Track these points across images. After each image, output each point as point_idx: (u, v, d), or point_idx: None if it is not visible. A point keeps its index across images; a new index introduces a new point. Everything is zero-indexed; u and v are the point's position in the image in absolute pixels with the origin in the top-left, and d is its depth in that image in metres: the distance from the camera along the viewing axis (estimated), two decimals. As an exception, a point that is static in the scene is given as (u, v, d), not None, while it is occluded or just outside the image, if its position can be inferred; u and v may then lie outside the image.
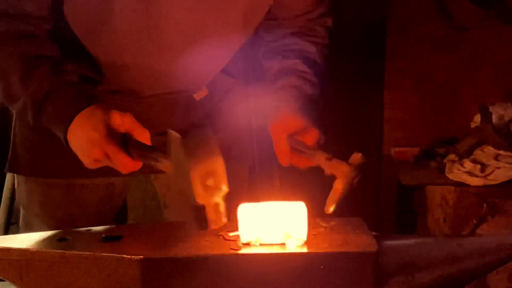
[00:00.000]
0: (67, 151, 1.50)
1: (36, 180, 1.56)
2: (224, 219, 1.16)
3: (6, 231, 3.06)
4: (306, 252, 1.14)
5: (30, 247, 1.17)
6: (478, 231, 2.57)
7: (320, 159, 1.31)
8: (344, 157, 1.33)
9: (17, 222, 3.07)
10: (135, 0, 1.31)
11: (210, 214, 1.14)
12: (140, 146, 1.23)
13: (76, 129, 1.26)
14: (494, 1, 3.02)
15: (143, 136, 1.24)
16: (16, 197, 1.65)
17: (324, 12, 1.55)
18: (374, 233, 1.21)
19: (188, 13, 1.35)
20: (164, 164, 1.18)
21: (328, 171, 1.30)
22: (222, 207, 1.15)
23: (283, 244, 1.17)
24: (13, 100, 1.33)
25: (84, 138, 1.25)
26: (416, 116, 3.25)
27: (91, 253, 1.14)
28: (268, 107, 1.45)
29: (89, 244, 1.19)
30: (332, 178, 1.29)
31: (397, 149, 3.23)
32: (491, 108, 2.98)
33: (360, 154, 1.28)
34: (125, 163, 1.22)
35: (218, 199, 1.15)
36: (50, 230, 1.36)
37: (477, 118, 3.01)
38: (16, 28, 1.34)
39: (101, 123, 1.23)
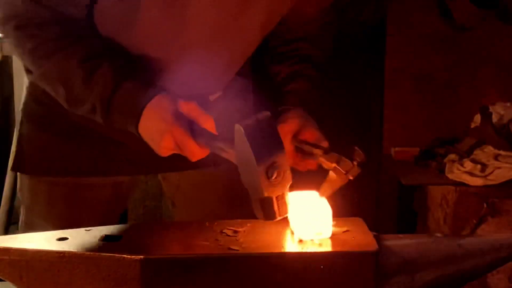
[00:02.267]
0: (75, 150, 1.52)
1: (41, 179, 1.56)
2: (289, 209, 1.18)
3: (6, 231, 3.06)
4: (306, 252, 1.14)
5: (30, 247, 1.17)
6: (478, 231, 2.57)
7: (319, 153, 1.31)
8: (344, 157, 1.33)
9: (17, 222, 3.07)
10: (161, 1, 1.32)
11: (276, 205, 1.16)
12: (206, 134, 1.25)
13: (146, 122, 1.28)
14: (494, 1, 3.02)
15: (208, 123, 1.26)
16: (19, 198, 1.65)
17: (332, 20, 1.58)
18: (374, 233, 1.21)
19: (212, 15, 1.36)
20: (229, 154, 1.20)
21: (326, 165, 1.30)
22: (287, 198, 1.18)
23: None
24: (78, 103, 1.34)
25: (154, 129, 1.28)
26: (416, 116, 3.25)
27: (91, 253, 1.14)
28: (277, 111, 1.47)
29: (89, 244, 1.19)
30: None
31: (397, 149, 3.23)
32: (491, 108, 2.98)
33: (363, 152, 1.28)
34: (193, 151, 1.25)
35: (283, 190, 1.17)
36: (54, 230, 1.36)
37: (477, 118, 3.01)
38: (69, 32, 1.34)
39: (169, 113, 1.26)
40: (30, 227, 1.58)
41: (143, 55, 1.41)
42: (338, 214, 1.30)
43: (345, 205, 1.29)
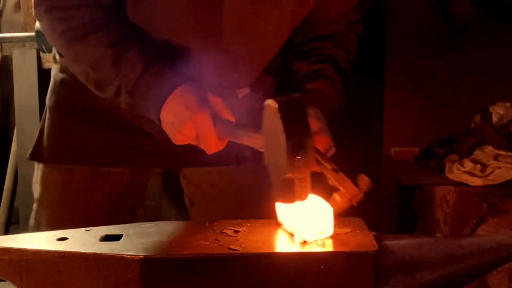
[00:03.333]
0: (97, 137, 1.52)
1: (57, 168, 1.56)
2: (309, 193, 1.18)
3: (6, 231, 3.06)
4: (306, 252, 1.14)
5: (30, 247, 1.17)
6: (478, 231, 2.57)
7: (327, 169, 1.30)
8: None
9: (17, 222, 3.08)
10: None
11: (297, 187, 1.16)
12: (228, 123, 1.26)
13: (170, 107, 1.29)
14: (494, 1, 3.02)
15: (230, 118, 1.28)
16: (33, 191, 1.65)
17: (357, 19, 1.57)
18: (374, 233, 1.21)
19: (247, 5, 1.37)
20: (251, 139, 1.21)
21: (331, 182, 1.29)
22: (309, 181, 1.18)
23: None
24: (105, 85, 1.35)
25: (177, 115, 1.28)
26: (416, 116, 3.25)
27: (91, 253, 1.14)
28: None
29: (89, 244, 1.19)
30: (332, 188, 1.29)
31: (397, 149, 3.23)
32: (491, 108, 2.98)
33: (369, 180, 1.27)
34: (212, 142, 1.27)
35: (306, 173, 1.16)
36: (65, 223, 1.37)
37: (477, 118, 3.01)
38: (99, 16, 1.36)
39: (195, 101, 1.27)
40: (38, 224, 1.58)
41: (173, 43, 1.41)
42: (338, 214, 1.31)
43: (345, 205, 1.29)
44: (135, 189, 1.64)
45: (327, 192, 1.28)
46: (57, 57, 1.56)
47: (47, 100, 1.59)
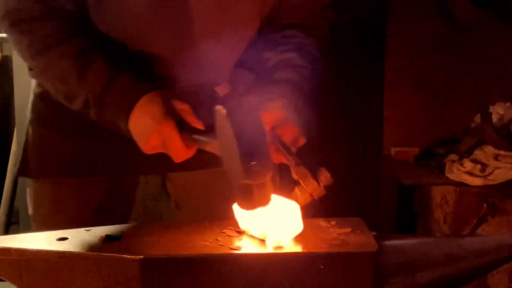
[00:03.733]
0: (82, 148, 1.50)
1: (46, 181, 1.55)
2: (270, 198, 1.16)
3: (6, 231, 3.06)
4: (306, 252, 1.14)
5: (30, 247, 1.17)
6: (478, 231, 2.57)
7: (290, 162, 1.28)
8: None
9: (17, 222, 3.08)
10: None
11: (256, 193, 1.13)
12: (193, 130, 1.24)
13: (137, 117, 1.28)
14: (494, 1, 3.02)
15: (198, 125, 1.26)
16: (28, 207, 1.64)
17: (326, 5, 1.55)
18: (374, 233, 1.21)
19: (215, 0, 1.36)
20: (212, 145, 1.19)
21: (294, 175, 1.27)
22: (268, 186, 1.15)
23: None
24: (73, 98, 1.35)
25: (143, 125, 1.28)
26: (416, 116, 3.25)
27: (91, 253, 1.14)
28: (262, 98, 1.43)
29: (89, 244, 1.19)
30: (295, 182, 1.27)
31: (397, 149, 3.23)
32: (491, 108, 2.98)
33: (329, 175, 1.24)
34: (179, 152, 1.26)
35: (264, 178, 1.14)
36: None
37: (477, 118, 3.01)
38: (63, 27, 1.35)
39: (160, 110, 1.26)
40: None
41: (141, 47, 1.40)
42: (338, 214, 1.31)
43: (345, 205, 1.29)
44: (125, 196, 1.63)
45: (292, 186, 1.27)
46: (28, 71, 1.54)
47: (29, 114, 1.57)
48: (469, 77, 3.20)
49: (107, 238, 1.20)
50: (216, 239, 1.19)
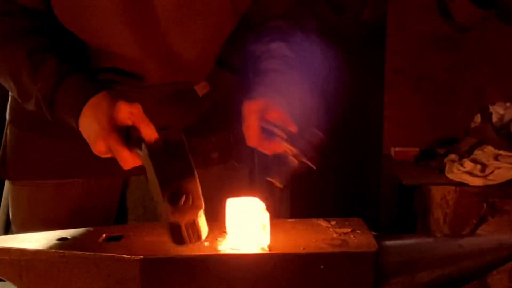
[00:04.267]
0: (60, 150, 1.47)
1: (23, 183, 1.52)
2: (204, 235, 1.15)
3: (6, 231, 3.06)
4: (306, 252, 1.14)
5: (30, 247, 1.17)
6: (478, 231, 2.57)
7: (282, 136, 1.26)
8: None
9: (17, 222, 3.07)
10: None
11: (185, 231, 1.12)
12: (136, 141, 1.18)
13: (84, 120, 1.25)
14: (494, 1, 3.02)
15: (149, 130, 1.19)
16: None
17: None
18: (374, 233, 1.21)
19: None
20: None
21: (288, 149, 1.25)
22: (200, 223, 1.14)
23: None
24: (26, 98, 1.32)
25: (89, 130, 1.24)
26: (416, 116, 3.25)
27: (91, 253, 1.14)
28: (247, 89, 1.41)
29: (89, 244, 1.18)
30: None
31: (397, 149, 3.23)
32: (491, 108, 2.98)
33: (321, 134, 1.22)
34: (125, 159, 1.20)
35: (194, 216, 1.13)
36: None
37: (477, 118, 3.02)
38: (19, 24, 1.32)
39: (105, 115, 1.21)
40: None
41: (110, 46, 1.36)
42: (338, 214, 1.31)
43: (345, 205, 1.29)
44: (104, 197, 1.58)
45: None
46: None
47: (7, 115, 1.55)
48: (469, 77, 3.20)
49: (107, 238, 1.20)
50: (216, 239, 1.19)
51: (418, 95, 3.23)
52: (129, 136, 1.20)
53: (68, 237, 1.21)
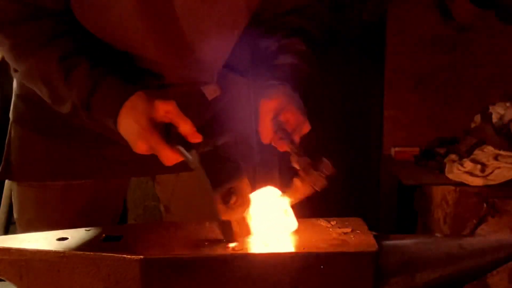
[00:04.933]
0: (66, 151, 1.48)
1: (30, 184, 1.52)
2: (251, 231, 1.22)
3: (6, 231, 3.06)
4: (306, 252, 1.14)
5: (30, 247, 1.17)
6: (478, 231, 2.57)
7: (293, 152, 1.29)
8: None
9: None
10: None
11: (236, 227, 1.19)
12: (179, 140, 1.23)
13: (122, 122, 1.26)
14: (494, 1, 3.02)
15: (187, 126, 1.23)
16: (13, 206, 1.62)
17: None
18: (374, 233, 1.21)
19: None
20: (190, 161, 1.20)
21: (296, 165, 1.27)
22: (247, 220, 1.21)
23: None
24: (61, 102, 1.33)
25: (129, 131, 1.26)
26: (416, 116, 3.25)
27: (91, 253, 1.14)
28: (264, 85, 1.42)
29: (89, 244, 1.19)
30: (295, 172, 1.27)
31: (397, 149, 3.23)
32: (491, 108, 2.98)
33: (331, 165, 1.25)
34: (168, 156, 1.23)
35: (242, 213, 1.20)
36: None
37: (477, 118, 3.01)
38: (46, 28, 1.32)
39: (143, 115, 1.23)
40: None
41: (127, 45, 1.37)
42: (338, 214, 1.31)
43: (345, 205, 1.29)
44: (111, 198, 1.60)
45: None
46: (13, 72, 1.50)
47: (10, 115, 1.55)
48: (469, 77, 3.20)
49: (107, 238, 1.20)
50: (216, 239, 1.19)
51: (418, 95, 3.23)
52: (169, 133, 1.24)
53: (68, 237, 1.21)
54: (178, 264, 1.12)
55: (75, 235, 1.23)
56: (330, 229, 1.23)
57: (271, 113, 1.35)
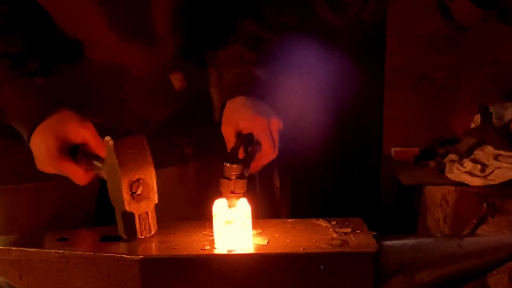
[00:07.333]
0: (29, 155, 1.48)
1: (1, 189, 1.51)
2: (153, 229, 1.21)
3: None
4: (306, 252, 1.14)
5: (30, 247, 1.17)
6: (478, 231, 2.57)
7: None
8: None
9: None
10: None
11: (138, 223, 1.19)
12: (87, 155, 1.24)
13: (34, 141, 1.26)
14: (494, 1, 3.03)
15: (99, 148, 1.23)
16: None
17: None
18: (374, 233, 1.21)
19: None
20: (103, 171, 1.20)
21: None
22: (151, 217, 1.20)
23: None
24: None
25: (38, 153, 1.26)
26: (416, 116, 3.25)
27: (91, 253, 1.14)
28: (217, 103, 1.44)
29: (89, 244, 1.19)
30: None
31: (397, 149, 3.23)
32: (491, 108, 2.98)
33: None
34: (79, 177, 1.24)
35: (147, 208, 1.19)
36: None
37: (477, 118, 3.02)
38: None
39: (53, 139, 1.23)
40: None
41: (82, 29, 1.37)
42: (338, 214, 1.31)
43: (345, 205, 1.29)
44: (83, 196, 1.57)
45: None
46: None
47: None
48: (469, 77, 3.20)
49: (107, 238, 1.21)
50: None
51: (418, 95, 3.24)
52: (79, 151, 1.24)
53: (68, 237, 1.21)
54: (178, 264, 1.12)
55: (75, 235, 1.23)
56: (330, 229, 1.23)
57: (231, 134, 1.36)
